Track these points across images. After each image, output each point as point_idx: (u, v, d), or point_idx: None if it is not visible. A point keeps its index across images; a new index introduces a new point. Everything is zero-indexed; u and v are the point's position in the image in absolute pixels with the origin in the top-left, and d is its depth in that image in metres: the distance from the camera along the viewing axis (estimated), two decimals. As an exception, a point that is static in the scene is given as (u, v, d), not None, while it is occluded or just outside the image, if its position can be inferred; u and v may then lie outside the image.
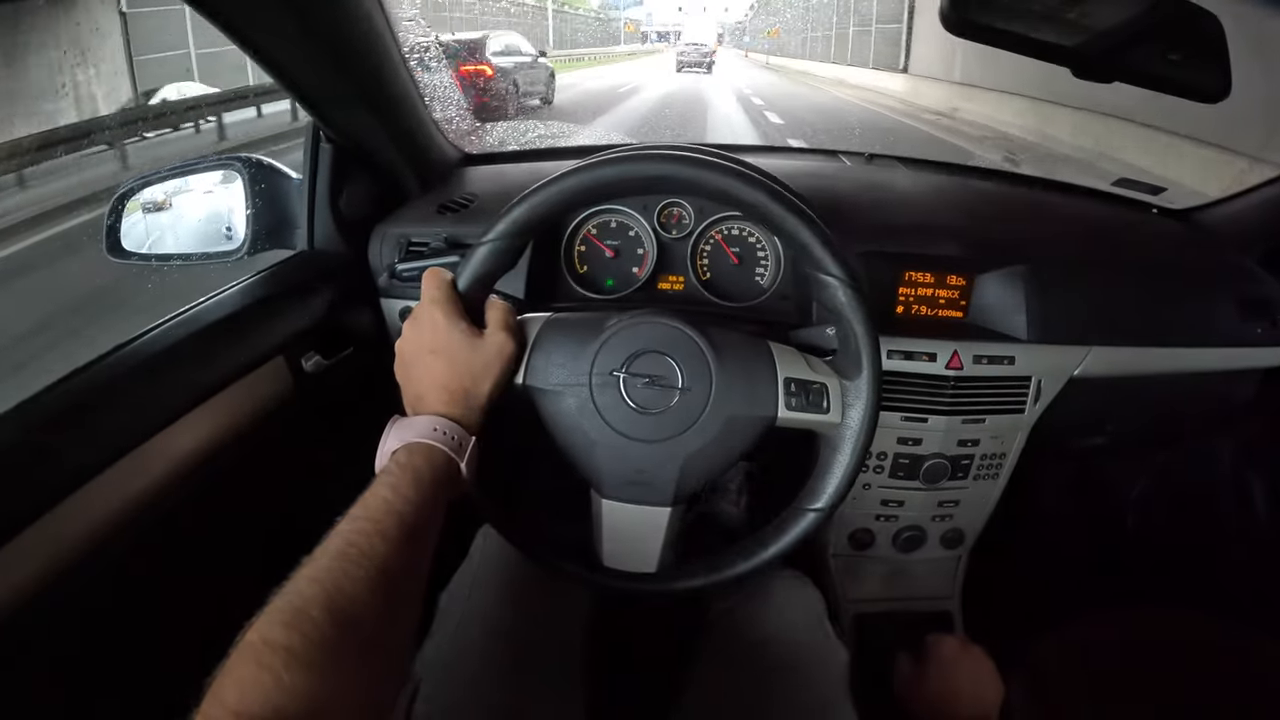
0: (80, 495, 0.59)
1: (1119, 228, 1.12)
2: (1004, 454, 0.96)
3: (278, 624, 0.40)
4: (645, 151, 0.64)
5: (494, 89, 7.71)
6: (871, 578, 1.05)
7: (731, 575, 0.66)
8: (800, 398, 0.62)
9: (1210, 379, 1.01)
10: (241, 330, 0.79)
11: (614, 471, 0.63)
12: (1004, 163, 6.41)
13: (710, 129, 8.64)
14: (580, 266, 0.97)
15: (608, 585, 0.68)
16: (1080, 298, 0.94)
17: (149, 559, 0.71)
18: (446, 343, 0.58)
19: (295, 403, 0.84)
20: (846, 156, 1.27)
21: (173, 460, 0.69)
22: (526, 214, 0.62)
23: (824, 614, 0.83)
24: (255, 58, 0.77)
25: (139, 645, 0.75)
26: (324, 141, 0.93)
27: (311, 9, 0.74)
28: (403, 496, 0.49)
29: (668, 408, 0.62)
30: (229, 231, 0.97)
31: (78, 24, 6.29)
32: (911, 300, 0.94)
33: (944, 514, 1.01)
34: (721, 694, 0.73)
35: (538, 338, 0.64)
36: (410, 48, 0.92)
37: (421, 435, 0.54)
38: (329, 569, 0.43)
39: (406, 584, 0.48)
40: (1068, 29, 0.72)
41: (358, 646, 0.42)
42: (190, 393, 0.71)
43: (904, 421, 0.91)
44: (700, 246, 0.96)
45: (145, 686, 0.74)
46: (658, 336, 0.63)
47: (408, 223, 0.99)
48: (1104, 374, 0.94)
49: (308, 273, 0.92)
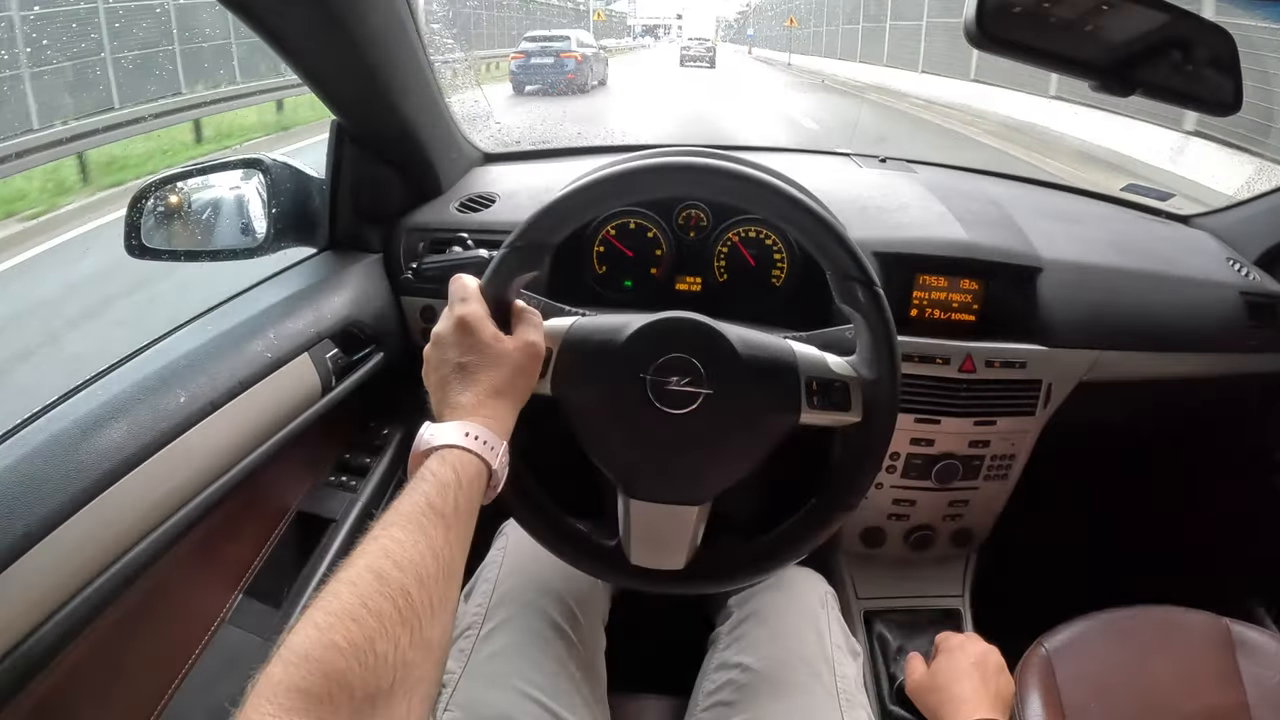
0: (111, 493, 0.60)
1: (1129, 233, 1.14)
2: (1014, 455, 0.98)
3: (313, 630, 0.41)
4: (668, 156, 0.65)
5: (580, 69, 11.22)
6: (882, 576, 1.07)
7: (756, 573, 0.67)
8: (823, 397, 0.63)
9: (1217, 383, 1.03)
10: (266, 328, 0.80)
11: (640, 472, 0.64)
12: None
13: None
14: (599, 267, 0.98)
15: (637, 584, 0.69)
16: (1090, 303, 0.95)
17: (179, 555, 0.72)
18: (475, 349, 0.59)
19: (320, 399, 0.85)
20: (860, 159, 1.28)
21: (201, 458, 0.70)
22: (554, 217, 0.62)
23: (838, 609, 0.85)
24: (282, 54, 0.77)
25: (172, 637, 0.76)
26: (346, 140, 0.94)
27: (339, 5, 0.75)
28: (436, 505, 0.50)
29: (693, 408, 0.62)
30: (248, 229, 0.98)
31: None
32: (925, 303, 0.95)
33: (954, 513, 1.03)
34: (738, 687, 0.75)
35: (564, 341, 0.64)
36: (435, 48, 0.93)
37: (453, 441, 0.54)
38: (364, 578, 0.44)
39: (443, 589, 0.48)
40: (1087, 43, 0.73)
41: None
42: (216, 392, 0.71)
43: (917, 423, 0.93)
44: (718, 248, 0.97)
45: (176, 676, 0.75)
46: (683, 338, 0.63)
47: (429, 220, 0.99)
48: (1112, 378, 0.95)
49: (330, 270, 0.93)
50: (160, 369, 0.70)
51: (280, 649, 0.39)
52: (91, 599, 0.59)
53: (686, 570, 0.68)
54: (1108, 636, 0.87)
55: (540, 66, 10.93)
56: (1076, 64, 0.73)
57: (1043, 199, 1.23)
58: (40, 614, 0.56)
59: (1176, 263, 1.06)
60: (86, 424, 0.62)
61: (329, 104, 0.88)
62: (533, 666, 0.72)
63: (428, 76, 0.93)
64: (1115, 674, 0.84)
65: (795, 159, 1.34)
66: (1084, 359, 0.94)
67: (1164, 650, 0.86)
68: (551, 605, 0.77)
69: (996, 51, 0.69)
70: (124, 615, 0.66)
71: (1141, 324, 0.97)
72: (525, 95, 10.54)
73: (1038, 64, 0.71)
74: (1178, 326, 0.98)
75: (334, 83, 0.84)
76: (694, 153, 0.81)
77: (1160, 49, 0.74)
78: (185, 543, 0.71)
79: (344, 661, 0.39)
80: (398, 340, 0.97)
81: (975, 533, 1.05)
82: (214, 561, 0.82)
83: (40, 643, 0.55)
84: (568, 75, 10.85)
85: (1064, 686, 0.83)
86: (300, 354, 0.83)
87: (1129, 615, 0.89)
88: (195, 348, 0.73)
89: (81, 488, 0.58)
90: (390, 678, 0.41)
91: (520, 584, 0.79)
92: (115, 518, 0.61)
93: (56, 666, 0.59)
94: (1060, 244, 1.00)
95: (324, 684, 0.38)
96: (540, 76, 10.85)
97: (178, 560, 0.72)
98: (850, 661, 0.79)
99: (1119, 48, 0.75)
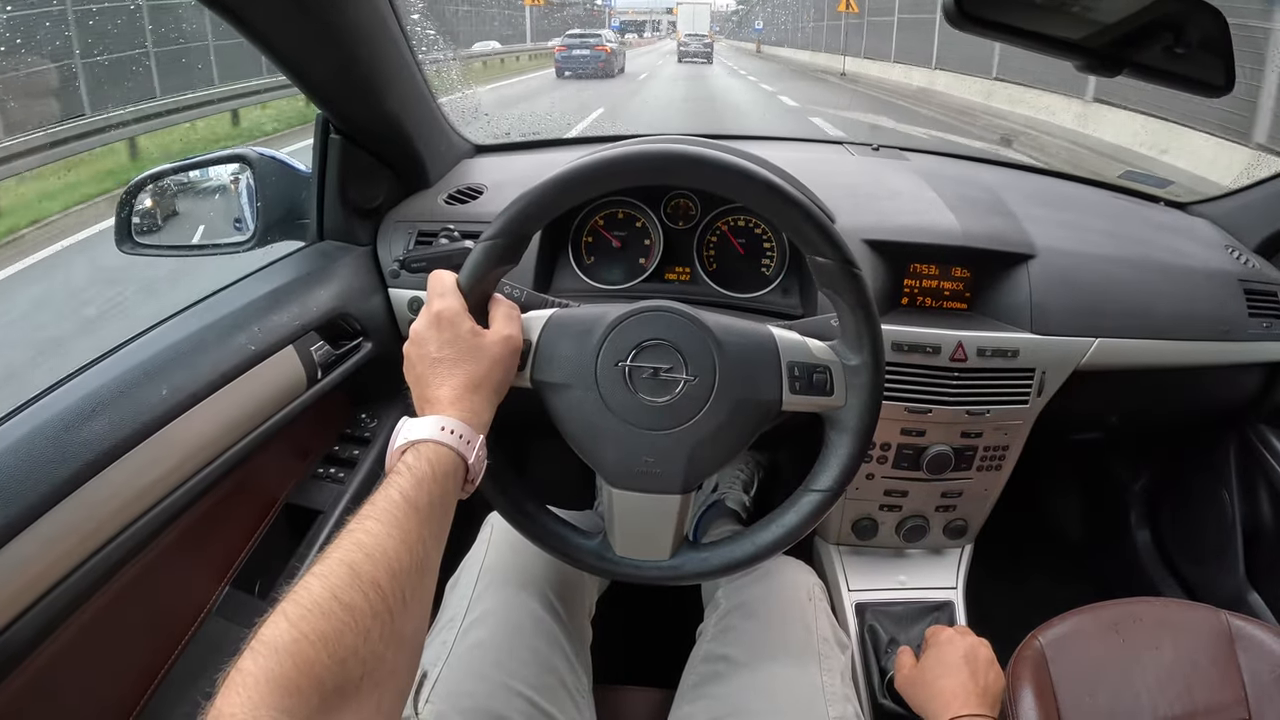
0: (93, 484, 0.60)
1: (1125, 220, 1.12)
2: (1007, 445, 0.97)
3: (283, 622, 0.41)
4: (640, 144, 0.64)
5: (609, 59, 16.00)
6: (874, 567, 1.06)
7: (742, 559, 0.66)
8: (804, 381, 0.63)
9: (1214, 372, 1.01)
10: (250, 322, 0.80)
11: (623, 461, 0.64)
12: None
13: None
14: (588, 257, 0.98)
15: (623, 574, 0.68)
16: (1085, 290, 0.94)
17: (165, 546, 0.72)
18: (452, 343, 0.59)
19: (305, 391, 0.85)
20: (853, 147, 1.27)
21: (184, 450, 0.70)
22: (524, 211, 0.62)
23: (827, 601, 0.84)
24: (265, 52, 0.77)
25: (159, 628, 0.76)
26: (333, 133, 0.94)
27: (320, 3, 0.75)
28: (410, 498, 0.50)
29: (673, 396, 0.62)
30: (238, 224, 0.99)
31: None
32: (916, 291, 0.94)
33: (947, 504, 1.02)
34: (726, 680, 0.74)
35: (542, 333, 0.64)
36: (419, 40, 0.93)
37: (430, 436, 0.54)
38: (336, 571, 0.44)
39: (416, 582, 0.48)
40: (1073, 23, 0.72)
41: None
42: (198, 385, 0.72)
43: (908, 413, 0.92)
44: (707, 237, 0.97)
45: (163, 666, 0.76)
46: (661, 326, 0.63)
47: (417, 213, 0.99)
48: (1108, 366, 0.94)
49: (318, 263, 0.93)
50: (142, 362, 0.70)
51: (252, 641, 0.39)
52: (73, 589, 0.59)
53: (673, 560, 0.67)
54: (1103, 630, 0.86)
55: (580, 57, 15.65)
56: (1062, 44, 0.72)
57: (1037, 185, 1.21)
58: (22, 604, 0.56)
59: (1174, 250, 1.05)
60: (68, 417, 0.62)
61: (312, 98, 0.88)
62: (516, 658, 0.72)
63: (412, 69, 0.93)
64: (1111, 668, 0.82)
65: (789, 148, 1.33)
66: (1078, 347, 0.92)
67: (1161, 644, 0.84)
68: (536, 597, 0.77)
69: (977, 32, 0.67)
70: (109, 606, 0.67)
71: (1138, 311, 0.95)
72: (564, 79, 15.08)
73: (1021, 44, 0.70)
74: (1175, 314, 0.97)
75: (316, 77, 0.84)
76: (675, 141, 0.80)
77: (1150, 29, 0.73)
78: (172, 534, 0.72)
79: (314, 653, 0.39)
80: (386, 332, 0.97)
81: (969, 524, 1.04)
82: (202, 553, 0.82)
83: (22, 632, 0.56)
84: (599, 65, 15.72)
85: (1058, 680, 0.82)
86: (285, 346, 0.83)
87: (1126, 608, 0.88)
88: (177, 341, 0.74)
89: (64, 479, 0.59)
90: (360, 671, 0.41)
91: (504, 575, 0.79)
92: (97, 509, 0.61)
93: (40, 656, 0.59)
94: (1054, 231, 0.99)
95: (294, 676, 0.38)
96: (579, 65, 15.54)
97: (165, 552, 0.73)
98: (838, 654, 0.79)
99: (1108, 28, 0.74)
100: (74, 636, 0.64)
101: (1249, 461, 1.14)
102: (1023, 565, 1.20)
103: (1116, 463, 1.38)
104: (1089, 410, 1.03)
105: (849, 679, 0.78)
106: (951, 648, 0.81)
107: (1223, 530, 1.17)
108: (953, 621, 1.02)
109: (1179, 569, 1.28)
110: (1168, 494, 1.32)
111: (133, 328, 0.77)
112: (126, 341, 0.74)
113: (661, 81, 16.30)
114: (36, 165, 4.91)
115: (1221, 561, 1.17)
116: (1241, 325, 0.99)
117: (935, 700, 0.77)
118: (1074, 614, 0.87)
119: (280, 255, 0.96)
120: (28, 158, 4.78)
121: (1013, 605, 0.98)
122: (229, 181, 0.98)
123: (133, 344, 0.74)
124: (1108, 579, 1.36)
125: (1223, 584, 1.16)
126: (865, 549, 1.06)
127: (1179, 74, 0.74)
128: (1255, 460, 1.11)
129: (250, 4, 0.72)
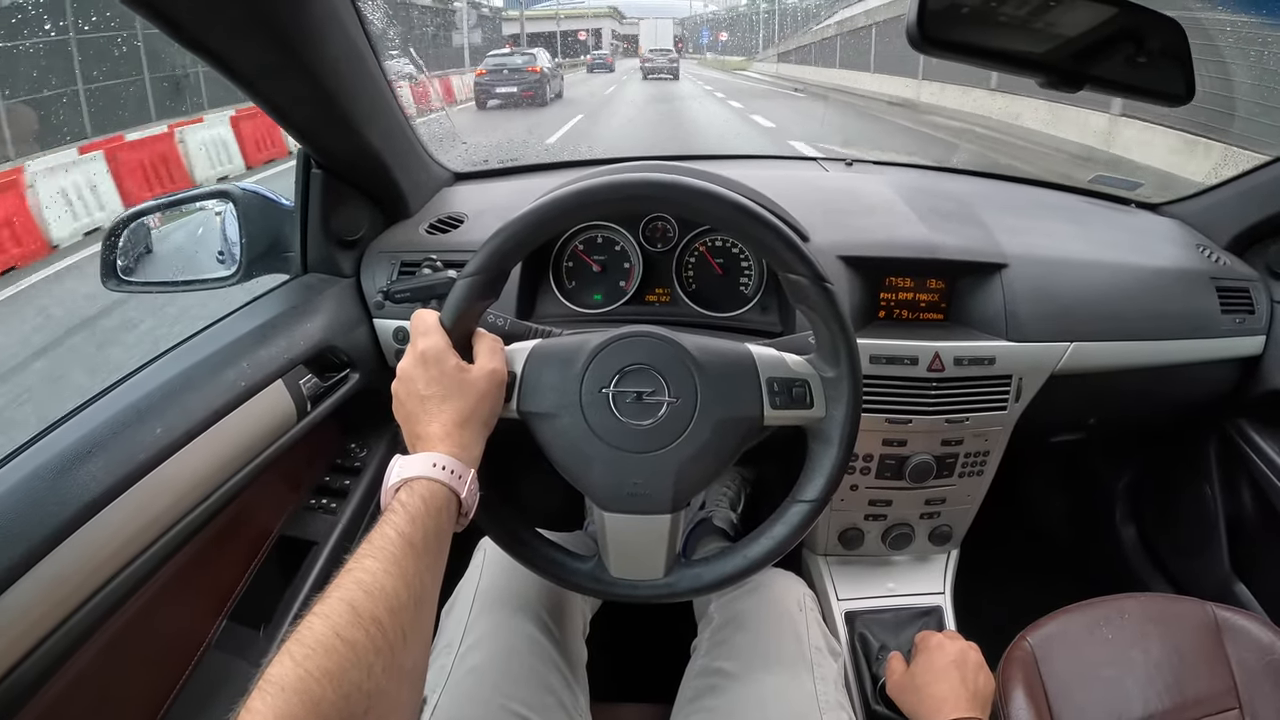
0: (90, 526, 0.61)
1: (1097, 224, 1.14)
2: (988, 451, 0.98)
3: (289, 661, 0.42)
4: (609, 173, 0.65)
5: (538, 84, 13.29)
6: (863, 576, 1.07)
7: (735, 573, 0.67)
8: (784, 396, 0.65)
9: (1190, 370, 1.03)
10: (239, 357, 0.81)
11: (612, 485, 0.65)
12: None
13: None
14: (569, 282, 0.99)
15: (619, 595, 0.69)
16: (1059, 295, 0.96)
17: (163, 583, 0.73)
18: (439, 380, 0.60)
19: (295, 425, 0.86)
20: (827, 163, 1.28)
21: (179, 488, 0.70)
22: (500, 248, 0.63)
23: (818, 612, 0.85)
24: (241, 87, 0.78)
25: (159, 663, 0.77)
26: (314, 167, 0.95)
27: (294, 38, 0.75)
28: (406, 535, 0.51)
29: (657, 419, 0.64)
30: (222, 258, 0.99)
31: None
32: (893, 304, 0.96)
33: (931, 511, 1.03)
34: (722, 692, 0.75)
35: (526, 364, 0.65)
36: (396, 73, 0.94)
37: (422, 473, 0.56)
38: (337, 609, 0.45)
39: (415, 616, 0.49)
40: (1035, 39, 0.73)
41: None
42: (191, 423, 0.72)
43: (888, 423, 0.93)
44: (685, 258, 0.98)
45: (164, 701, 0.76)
46: (641, 351, 0.65)
47: (399, 243, 1.00)
48: (1084, 369, 0.96)
49: (303, 296, 0.94)
50: (134, 402, 0.70)
51: (259, 681, 0.41)
52: (76, 629, 0.60)
53: (667, 579, 0.68)
54: (1092, 627, 0.87)
55: (508, 78, 12.92)
56: (1024, 62, 0.74)
57: (1009, 194, 1.23)
58: (26, 645, 0.56)
59: (1146, 251, 1.07)
60: (64, 460, 0.62)
61: (293, 133, 0.89)
62: (513, 680, 0.73)
63: (390, 102, 0.94)
64: (1100, 664, 0.84)
65: (765, 165, 1.34)
66: (1054, 352, 0.94)
67: (1150, 638, 0.86)
68: (531, 619, 0.78)
69: (941, 54, 0.69)
70: (111, 643, 0.67)
71: (1112, 314, 0.97)
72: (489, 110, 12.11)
73: (983, 64, 0.71)
74: (1148, 315, 0.98)
75: (295, 113, 0.85)
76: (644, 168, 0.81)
77: (1112, 43, 0.75)
78: (169, 571, 0.72)
79: (320, 690, 0.41)
80: (373, 362, 0.97)
81: (954, 530, 1.05)
82: (199, 588, 0.82)
83: (27, 674, 0.56)
84: (525, 94, 13.06)
85: (1048, 679, 0.83)
86: (274, 380, 0.83)
87: (1113, 605, 0.89)
88: (168, 380, 0.74)
89: (63, 521, 0.59)
90: (364, 705, 0.43)
91: (498, 599, 0.79)
92: (97, 550, 0.62)
93: (45, 695, 0.60)
94: (1026, 238, 1.01)
95: (302, 714, 0.39)
96: (506, 87, 12.86)
97: (163, 588, 0.73)
98: (830, 663, 0.80)
99: (1069, 43, 0.75)
100: (78, 675, 0.64)
101: (1229, 455, 1.16)
102: (1010, 567, 1.22)
103: (1099, 462, 1.40)
104: (1068, 413, 1.04)
105: (842, 686, 0.79)
106: (941, 653, 0.82)
107: (1206, 524, 1.19)
108: (942, 626, 1.03)
109: (1165, 564, 1.30)
110: (1151, 490, 1.34)
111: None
112: (118, 381, 0.75)
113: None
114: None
115: (1206, 555, 1.19)
116: (1214, 322, 1.01)
117: (926, 705, 0.78)
118: (1062, 613, 0.89)
119: (265, 290, 0.97)
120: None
121: (1001, 607, 0.99)
122: (213, 217, 0.99)
123: (125, 384, 0.74)
124: (1095, 577, 1.38)
125: (1208, 577, 1.18)
126: (853, 559, 1.07)
127: (1140, 86, 0.76)
128: (1235, 454, 1.13)
129: (235, 52, 0.72)
